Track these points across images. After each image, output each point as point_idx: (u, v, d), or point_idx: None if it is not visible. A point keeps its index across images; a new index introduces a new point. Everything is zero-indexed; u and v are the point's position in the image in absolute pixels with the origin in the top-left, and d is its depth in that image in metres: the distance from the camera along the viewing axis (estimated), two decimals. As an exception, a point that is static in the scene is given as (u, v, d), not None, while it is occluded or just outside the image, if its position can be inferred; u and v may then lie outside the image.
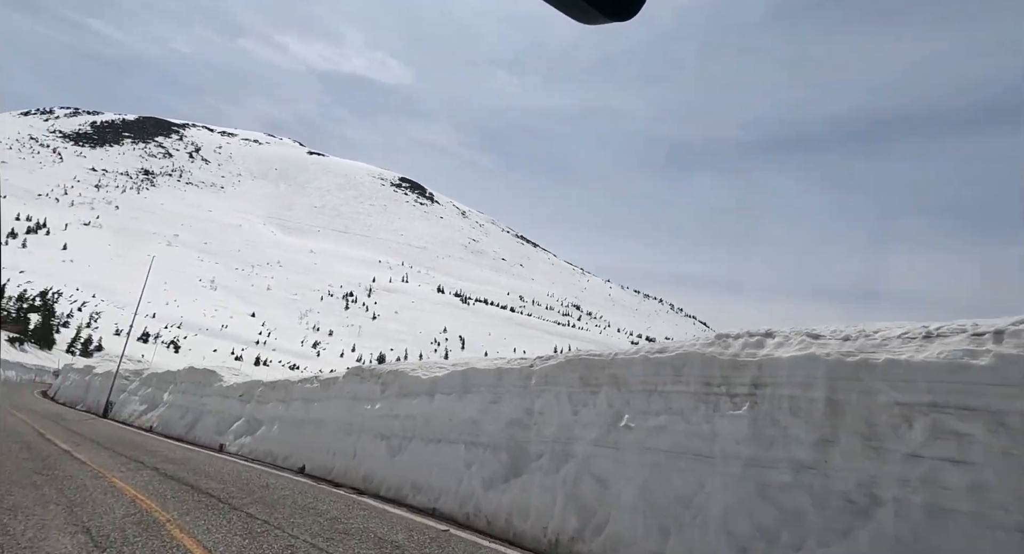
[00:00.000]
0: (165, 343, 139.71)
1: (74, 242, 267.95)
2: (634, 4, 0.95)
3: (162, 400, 18.35)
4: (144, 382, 20.90)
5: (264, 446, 11.45)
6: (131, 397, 20.75)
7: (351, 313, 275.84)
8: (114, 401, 21.39)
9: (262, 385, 13.06)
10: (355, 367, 10.06)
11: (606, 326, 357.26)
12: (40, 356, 64.34)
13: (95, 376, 27.29)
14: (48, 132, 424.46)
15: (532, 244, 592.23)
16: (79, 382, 29.41)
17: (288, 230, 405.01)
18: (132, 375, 22.25)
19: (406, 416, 8.10)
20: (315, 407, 10.59)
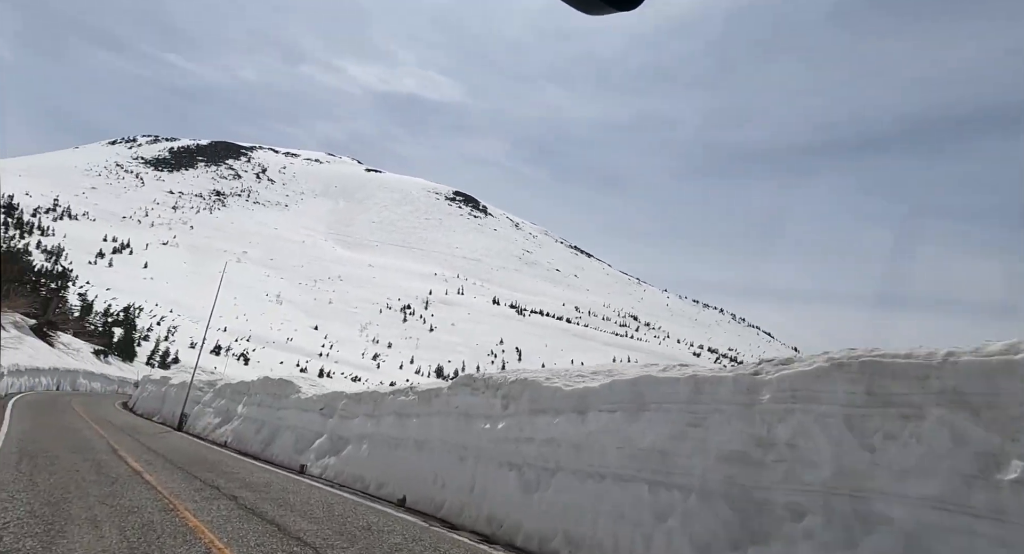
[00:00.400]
0: (235, 355, 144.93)
1: (154, 261, 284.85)
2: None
3: (236, 413, 17.25)
4: (218, 394, 20.00)
5: (352, 469, 9.83)
6: (205, 409, 19.88)
7: (409, 326, 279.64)
8: (188, 413, 20.62)
9: (345, 397, 11.51)
10: (465, 376, 8.26)
11: (665, 337, 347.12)
12: (123, 368, 66.99)
13: (170, 387, 26.97)
14: (132, 159, 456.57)
15: (586, 254, 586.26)
16: (155, 393, 29.30)
17: (348, 245, 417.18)
18: (206, 386, 21.48)
19: (544, 440, 6.18)
20: (413, 424, 8.87)
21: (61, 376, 47.25)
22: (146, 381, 34.15)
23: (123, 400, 43.03)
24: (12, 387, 34.96)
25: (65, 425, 18.49)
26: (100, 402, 37.08)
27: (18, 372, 36.18)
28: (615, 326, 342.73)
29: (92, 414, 24.86)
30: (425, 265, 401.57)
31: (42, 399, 31.91)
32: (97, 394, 49.57)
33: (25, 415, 20.98)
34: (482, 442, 7.06)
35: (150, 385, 31.61)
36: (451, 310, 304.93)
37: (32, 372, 39.98)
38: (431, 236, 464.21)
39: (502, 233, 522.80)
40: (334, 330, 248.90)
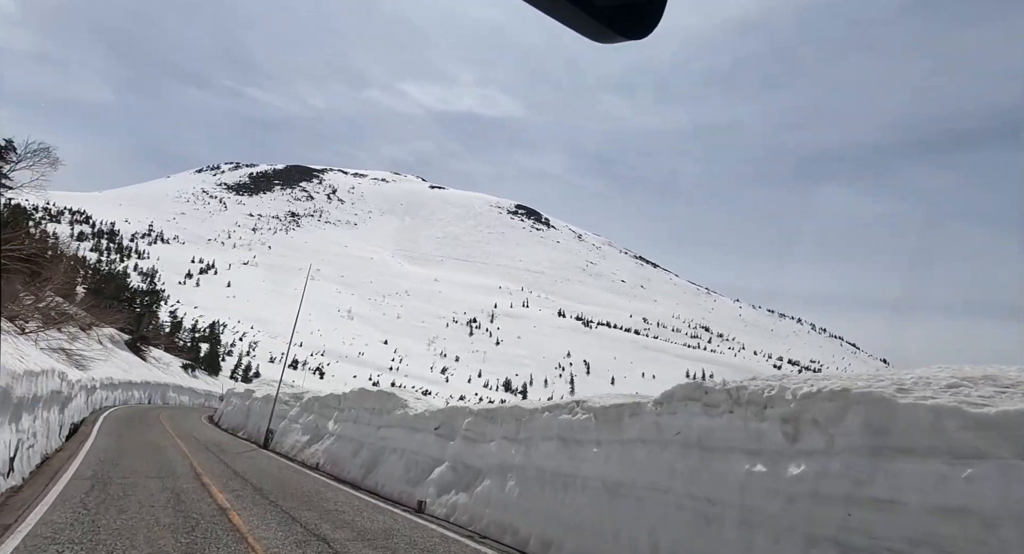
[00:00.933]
0: (311, 369, 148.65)
1: (236, 280, 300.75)
2: (648, 23, 0.96)
3: (327, 430, 15.22)
4: (305, 408, 18.17)
5: (495, 514, 7.27)
6: (292, 425, 18.08)
7: (475, 339, 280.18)
8: (274, 430, 18.92)
9: (471, 414, 9.01)
10: (692, 384, 5.55)
11: (740, 348, 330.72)
12: (208, 381, 68.72)
13: (254, 401, 25.71)
14: (215, 185, 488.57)
15: (652, 264, 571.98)
16: (240, 407, 28.26)
17: (414, 260, 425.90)
18: (291, 400, 19.77)
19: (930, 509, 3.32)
20: (592, 456, 6.19)
21: (152, 390, 48.16)
22: (230, 395, 33.50)
23: (209, 414, 43.13)
24: (107, 400, 35.31)
25: (150, 441, 17.17)
26: (187, 415, 36.90)
27: (112, 385, 36.59)
28: (686, 338, 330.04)
29: (178, 429, 23.85)
30: (489, 278, 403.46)
31: (133, 413, 31.74)
32: (185, 407, 50.35)
33: (112, 430, 19.98)
34: (753, 497, 4.28)
35: (234, 399, 30.76)
36: (516, 323, 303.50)
37: (126, 385, 40.59)
38: (494, 249, 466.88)
39: (565, 245, 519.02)
40: (403, 344, 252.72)
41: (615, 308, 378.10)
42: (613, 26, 0.93)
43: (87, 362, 28.69)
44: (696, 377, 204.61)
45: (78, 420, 21.61)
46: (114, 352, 48.58)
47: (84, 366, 26.89)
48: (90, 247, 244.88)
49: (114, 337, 53.28)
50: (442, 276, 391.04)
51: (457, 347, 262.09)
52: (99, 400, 31.25)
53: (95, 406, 29.46)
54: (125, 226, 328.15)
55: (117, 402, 38.80)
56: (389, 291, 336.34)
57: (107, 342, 50.04)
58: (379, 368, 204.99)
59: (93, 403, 28.86)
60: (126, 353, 52.21)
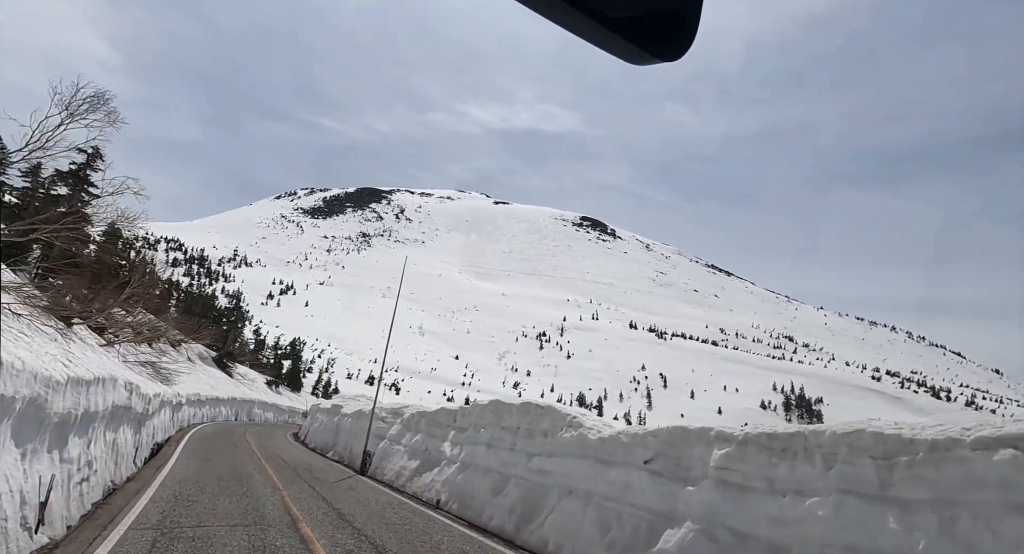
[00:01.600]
0: (386, 385, 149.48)
1: (313, 299, 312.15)
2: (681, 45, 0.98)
3: (443, 455, 12.06)
4: (408, 426, 15.18)
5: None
6: (393, 447, 15.12)
7: (546, 353, 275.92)
8: (372, 452, 16.07)
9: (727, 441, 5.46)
10: None
11: (829, 359, 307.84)
12: (292, 398, 68.72)
13: (343, 417, 23.22)
14: (293, 210, 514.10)
15: (725, 273, 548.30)
16: (327, 424, 25.96)
17: (481, 276, 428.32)
18: (389, 416, 16.89)
19: None
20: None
21: (239, 406, 47.60)
22: (316, 411, 31.53)
23: (293, 431, 41.75)
24: (194, 417, 34.35)
25: (234, 466, 14.71)
26: (273, 433, 35.39)
27: (199, 402, 35.69)
28: (768, 348, 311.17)
29: (265, 449, 21.68)
30: (557, 292, 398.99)
31: (219, 431, 30.26)
32: (270, 424, 49.55)
33: (196, 451, 17.86)
34: None
35: (321, 415, 28.61)
36: (587, 336, 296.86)
37: (213, 402, 39.84)
38: (561, 262, 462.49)
39: (632, 255, 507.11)
40: (474, 359, 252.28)
41: (689, 319, 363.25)
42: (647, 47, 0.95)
43: (174, 377, 27.43)
44: (783, 390, 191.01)
45: (162, 439, 19.84)
46: (202, 368, 48.56)
47: (170, 381, 25.52)
48: (183, 272, 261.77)
49: (202, 354, 53.66)
50: (509, 290, 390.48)
51: (528, 361, 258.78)
52: (186, 417, 30.08)
53: (182, 423, 28.17)
54: (213, 252, 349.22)
55: (205, 419, 37.96)
56: (458, 307, 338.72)
57: (196, 358, 50.24)
58: (452, 383, 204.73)
59: (180, 420, 27.53)
60: (213, 369, 52.31)
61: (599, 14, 0.91)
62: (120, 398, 9.98)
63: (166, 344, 44.61)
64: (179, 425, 27.29)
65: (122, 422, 10.98)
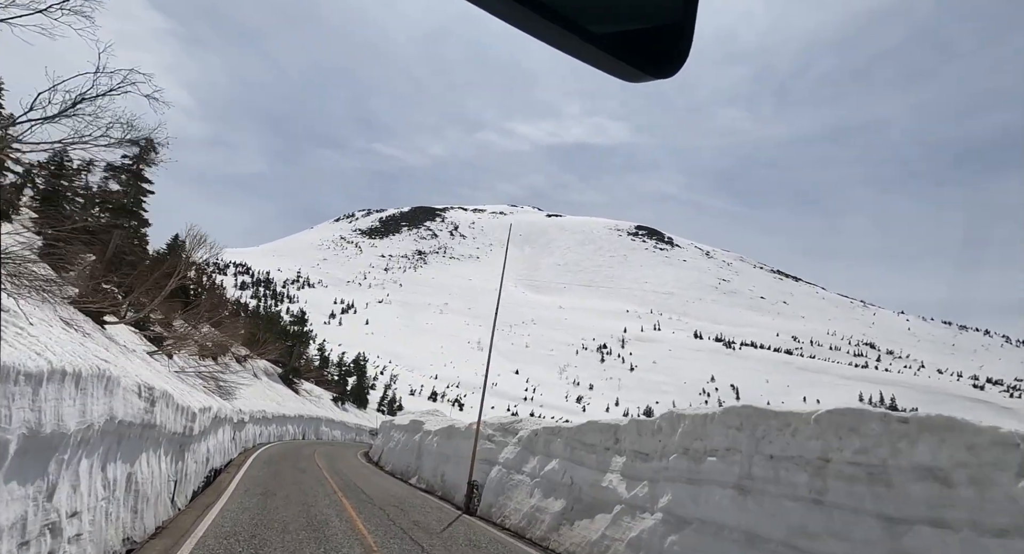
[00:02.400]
0: (449, 401, 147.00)
1: (373, 317, 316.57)
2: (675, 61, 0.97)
3: (611, 493, 7.87)
4: (529, 447, 11.09)
5: None
6: (512, 477, 11.05)
7: (608, 365, 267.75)
8: (480, 482, 12.04)
9: None
10: None
11: (919, 367, 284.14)
12: (357, 414, 66.46)
13: (427, 435, 19.42)
14: (351, 231, 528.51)
15: (792, 278, 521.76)
16: (406, 444, 22.27)
17: (537, 289, 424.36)
18: (497, 434, 12.88)
19: None
20: None
21: (306, 424, 45.12)
22: (390, 428, 28.06)
23: (363, 450, 38.63)
24: (260, 436, 31.67)
25: (305, 503, 11.07)
26: (343, 454, 32.23)
27: (265, 419, 33.07)
28: (848, 356, 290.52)
29: (338, 474, 18.15)
30: (615, 303, 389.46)
31: (286, 451, 27.23)
32: (338, 443, 46.76)
33: (257, 482, 14.43)
34: None
35: (397, 433, 25.03)
36: (650, 347, 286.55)
37: (279, 420, 37.28)
38: (617, 273, 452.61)
39: (692, 263, 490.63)
40: (534, 373, 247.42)
41: (757, 327, 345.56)
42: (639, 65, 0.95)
43: (235, 391, 24.60)
44: (872, 401, 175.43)
45: (221, 463, 16.68)
46: (268, 384, 46.52)
47: (231, 395, 22.66)
48: (250, 295, 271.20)
49: (268, 369, 51.89)
50: (566, 303, 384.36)
51: (590, 374, 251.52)
52: (251, 436, 27.26)
53: (246, 443, 25.29)
54: (278, 274, 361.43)
55: (271, 438, 35.33)
56: (515, 321, 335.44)
57: (262, 374, 48.37)
58: (513, 398, 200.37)
59: (243, 440, 24.61)
60: (280, 386, 50.31)
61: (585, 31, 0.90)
62: (131, 410, 6.34)
63: (231, 359, 42.74)
64: (243, 445, 24.41)
65: (142, 447, 7.40)
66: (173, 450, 9.77)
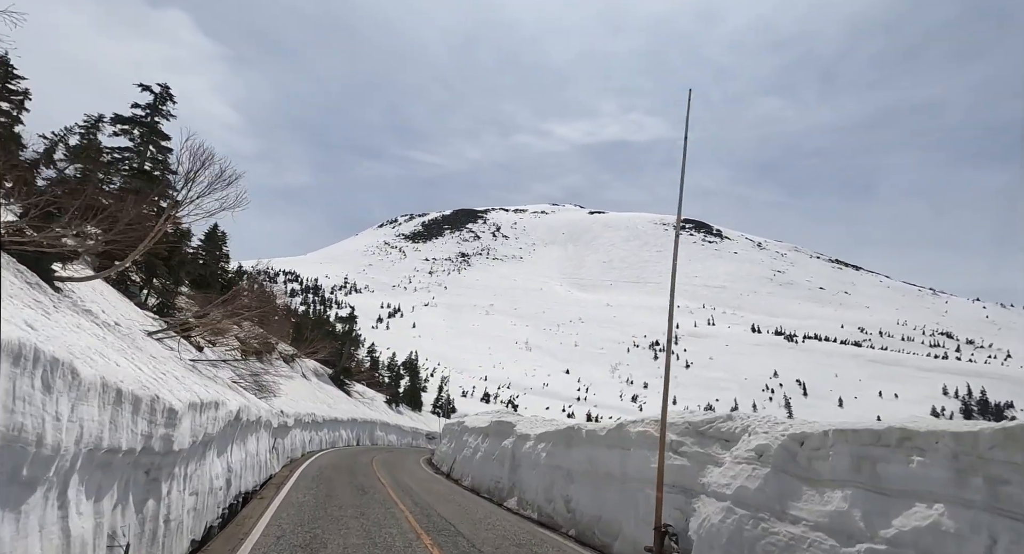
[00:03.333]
0: (502, 402, 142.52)
1: (420, 321, 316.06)
2: None
3: None
4: (795, 467, 5.53)
5: None
6: (766, 526, 5.55)
7: (661, 363, 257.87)
8: (673, 529, 6.66)
9: None
10: None
11: (1005, 357, 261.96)
12: (413, 417, 62.43)
13: (527, 441, 14.28)
14: (395, 236, 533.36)
15: (853, 267, 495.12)
16: (490, 452, 17.21)
17: (583, 287, 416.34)
18: (689, 440, 7.45)
19: None
20: None
21: (360, 428, 40.96)
22: (461, 431, 23.18)
23: (425, 456, 34.03)
24: (310, 443, 27.40)
25: (366, 534, 6.07)
26: (405, 462, 27.63)
27: (315, 424, 28.83)
28: (923, 347, 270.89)
29: (409, 496, 13.25)
30: (665, 298, 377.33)
31: (339, 461, 22.70)
32: (396, 449, 42.36)
33: (301, 510, 9.61)
34: None
35: (472, 438, 20.05)
36: (705, 343, 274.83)
37: (331, 424, 33.09)
38: (665, 268, 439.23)
39: (744, 255, 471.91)
40: (586, 372, 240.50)
41: (819, 319, 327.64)
42: None
43: (277, 390, 20.21)
44: (958, 395, 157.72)
45: (253, 484, 12.07)
46: (318, 385, 42.66)
47: (271, 394, 18.26)
48: (300, 301, 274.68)
49: (318, 370, 48.21)
50: (614, 300, 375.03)
51: (644, 373, 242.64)
52: (298, 444, 22.90)
53: (292, 453, 20.88)
54: (326, 281, 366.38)
55: (323, 444, 31.09)
56: (562, 319, 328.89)
57: (311, 375, 44.62)
58: (566, 399, 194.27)
59: (288, 449, 20.14)
60: (330, 387, 46.47)
61: None
62: None
63: (278, 359, 39.00)
64: (288, 455, 20.02)
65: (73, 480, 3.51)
66: (123, 482, 4.98)
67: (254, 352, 33.16)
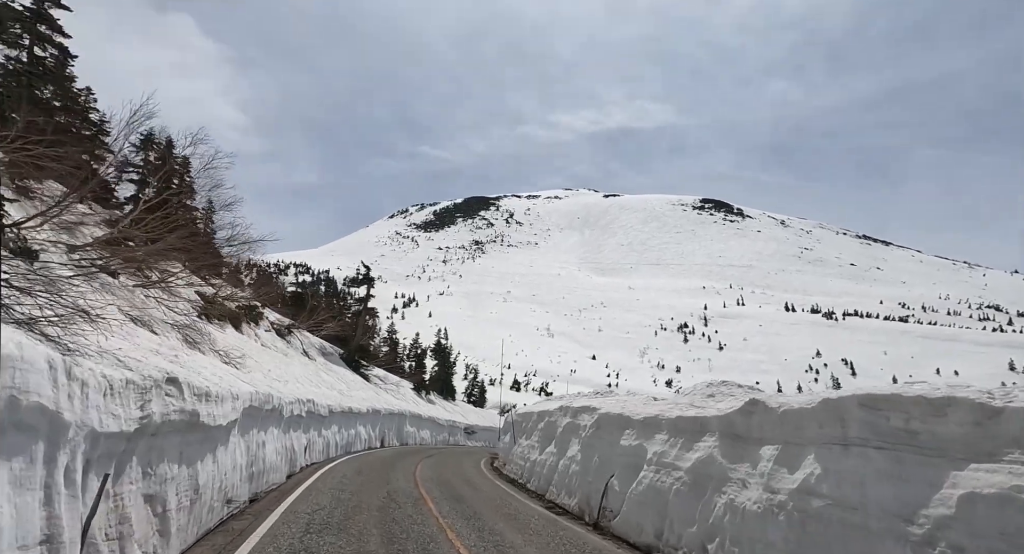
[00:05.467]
0: (534, 390, 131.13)
1: (436, 310, 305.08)
2: None
3: None
4: None
5: None
6: None
7: (692, 345, 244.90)
8: None
9: None
10: None
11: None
12: (449, 408, 50.73)
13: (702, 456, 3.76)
14: (406, 226, 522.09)
15: (882, 242, 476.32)
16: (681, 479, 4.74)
17: (602, 271, 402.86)
18: None
19: None
20: None
21: (384, 423, 29.08)
22: (559, 418, 11.37)
23: (480, 458, 22.10)
24: (311, 449, 15.74)
25: None
26: (458, 467, 15.89)
27: (317, 417, 16.97)
28: (971, 321, 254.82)
29: (477, 521, 3.57)
30: (689, 280, 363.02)
31: (364, 483, 10.58)
32: (436, 450, 30.05)
33: None
34: None
35: (582, 439, 7.88)
36: (737, 324, 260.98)
37: (345, 417, 21.12)
38: (687, 249, 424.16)
39: (768, 233, 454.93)
40: (614, 358, 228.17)
41: (854, 295, 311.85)
42: None
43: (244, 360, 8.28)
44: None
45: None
46: (325, 367, 30.82)
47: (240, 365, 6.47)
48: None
49: (325, 348, 36.40)
50: (636, 283, 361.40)
51: (675, 356, 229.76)
52: (281, 459, 11.18)
53: (271, 476, 9.13)
54: (338, 272, 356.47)
55: (336, 448, 19.19)
56: (584, 304, 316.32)
57: (316, 354, 32.79)
58: (596, 385, 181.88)
59: (262, 469, 8.30)
60: (342, 369, 34.62)
61: None
62: None
63: (267, 330, 27.11)
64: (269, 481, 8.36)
65: None
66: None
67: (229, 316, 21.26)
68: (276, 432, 11.99)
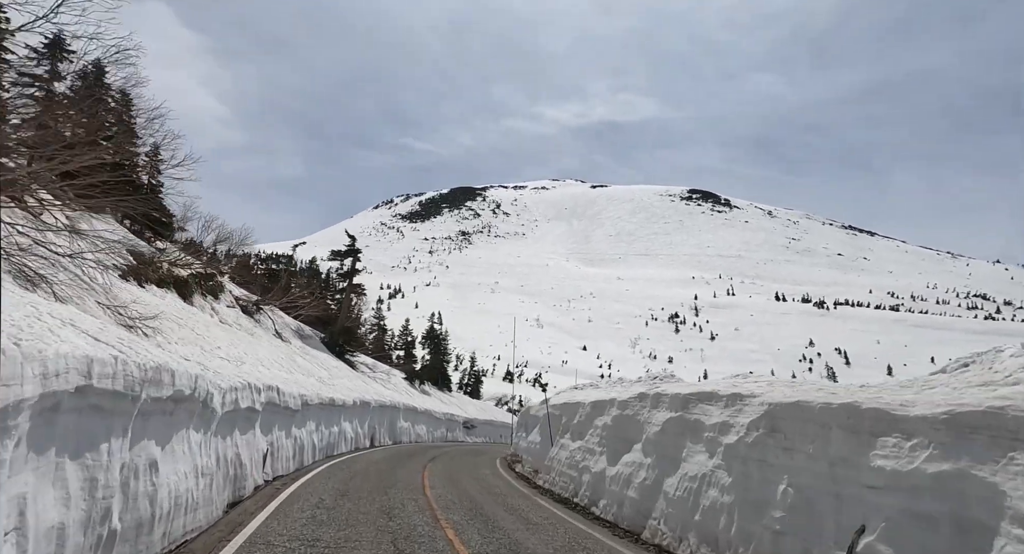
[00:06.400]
0: (528, 381, 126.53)
1: (423, 301, 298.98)
2: None
3: None
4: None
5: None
6: None
7: (684, 336, 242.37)
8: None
9: None
10: None
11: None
12: (445, 400, 45.75)
13: None
14: (391, 217, 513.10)
15: (867, 233, 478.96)
16: None
17: (591, 262, 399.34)
18: None
19: None
20: None
21: (374, 417, 23.94)
22: (640, 411, 6.33)
23: (494, 457, 17.18)
24: (279, 457, 10.58)
25: None
26: (480, 479, 10.66)
27: (282, 410, 11.81)
28: (960, 310, 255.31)
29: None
30: (678, 270, 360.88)
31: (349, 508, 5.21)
32: (436, 451, 24.80)
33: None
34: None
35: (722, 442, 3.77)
36: (728, 314, 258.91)
37: (325, 410, 15.83)
38: (676, 239, 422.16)
39: (755, 223, 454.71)
40: (605, 349, 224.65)
41: (844, 285, 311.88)
42: None
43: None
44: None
45: None
46: (302, 350, 25.57)
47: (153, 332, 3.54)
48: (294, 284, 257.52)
49: (303, 331, 31.10)
50: (624, 273, 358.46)
51: (666, 347, 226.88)
52: (247, 465, 6.16)
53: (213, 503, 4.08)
54: (322, 263, 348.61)
55: (313, 451, 13.95)
56: (573, 295, 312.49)
57: (291, 336, 27.48)
58: (590, 376, 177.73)
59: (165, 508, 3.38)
60: (323, 354, 29.37)
61: None
62: None
63: (228, 305, 21.75)
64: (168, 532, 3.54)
65: None
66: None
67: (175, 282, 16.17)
68: (198, 437, 6.82)
